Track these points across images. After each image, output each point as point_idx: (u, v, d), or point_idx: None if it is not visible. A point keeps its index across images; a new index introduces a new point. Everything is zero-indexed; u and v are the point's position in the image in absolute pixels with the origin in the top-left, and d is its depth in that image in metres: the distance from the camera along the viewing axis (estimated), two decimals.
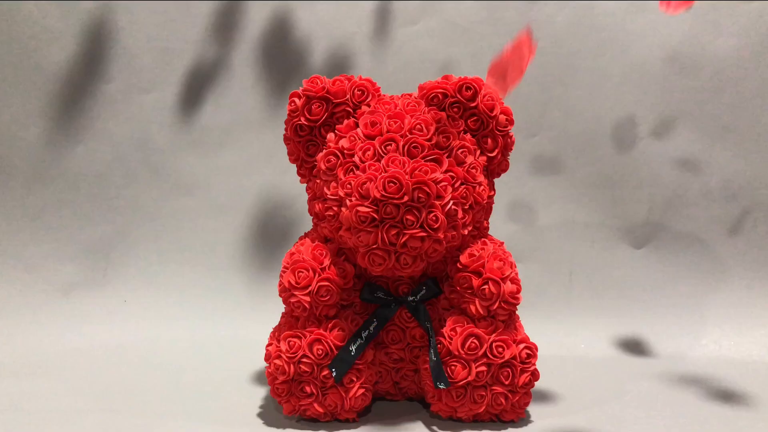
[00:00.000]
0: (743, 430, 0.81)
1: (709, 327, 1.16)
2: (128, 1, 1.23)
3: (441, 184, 0.75)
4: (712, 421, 0.83)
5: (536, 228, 1.24)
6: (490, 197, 0.85)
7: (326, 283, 0.78)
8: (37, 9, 1.22)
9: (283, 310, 0.84)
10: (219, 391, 0.94)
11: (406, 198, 0.73)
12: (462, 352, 0.77)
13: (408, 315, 0.83)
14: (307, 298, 0.78)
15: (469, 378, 0.77)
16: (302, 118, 0.83)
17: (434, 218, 0.74)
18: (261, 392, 0.93)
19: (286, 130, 0.85)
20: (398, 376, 0.86)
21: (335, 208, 0.78)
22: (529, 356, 0.79)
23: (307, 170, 0.86)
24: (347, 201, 0.76)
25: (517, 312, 0.83)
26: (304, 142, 0.84)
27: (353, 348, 0.79)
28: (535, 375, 0.80)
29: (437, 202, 0.75)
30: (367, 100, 0.83)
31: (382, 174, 0.74)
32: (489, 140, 0.83)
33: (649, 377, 0.99)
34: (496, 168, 0.85)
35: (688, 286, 1.20)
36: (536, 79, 1.22)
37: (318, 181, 0.82)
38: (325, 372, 0.78)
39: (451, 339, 0.78)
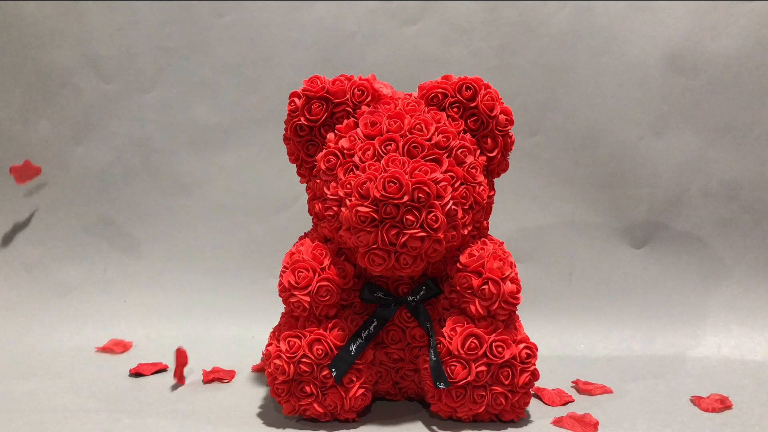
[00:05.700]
0: (743, 430, 0.81)
1: (709, 327, 1.16)
2: (128, 1, 1.23)
3: (441, 184, 0.75)
4: (712, 421, 0.83)
5: (536, 228, 1.23)
6: (490, 197, 0.85)
7: (326, 283, 0.78)
8: (37, 9, 1.22)
9: (283, 310, 0.84)
10: (219, 391, 0.94)
11: (406, 198, 0.73)
12: (462, 352, 0.77)
13: (408, 315, 0.83)
14: (307, 298, 0.78)
15: (469, 378, 0.77)
16: (302, 118, 0.83)
17: (434, 218, 0.74)
18: (261, 392, 0.93)
19: (286, 130, 0.85)
20: (398, 376, 0.86)
21: (335, 208, 0.78)
22: (529, 356, 0.79)
23: (307, 170, 0.86)
24: (347, 201, 0.76)
25: (517, 312, 0.83)
26: (304, 142, 0.84)
27: (353, 348, 0.79)
28: (535, 375, 0.80)
29: (437, 202, 0.75)
30: (367, 100, 0.83)
31: (382, 174, 0.74)
32: (489, 140, 0.83)
33: (649, 377, 0.99)
34: (496, 168, 0.85)
35: (688, 286, 1.20)
36: (536, 79, 1.22)
37: (318, 181, 0.82)
38: (325, 372, 0.78)
39: (451, 339, 0.78)
